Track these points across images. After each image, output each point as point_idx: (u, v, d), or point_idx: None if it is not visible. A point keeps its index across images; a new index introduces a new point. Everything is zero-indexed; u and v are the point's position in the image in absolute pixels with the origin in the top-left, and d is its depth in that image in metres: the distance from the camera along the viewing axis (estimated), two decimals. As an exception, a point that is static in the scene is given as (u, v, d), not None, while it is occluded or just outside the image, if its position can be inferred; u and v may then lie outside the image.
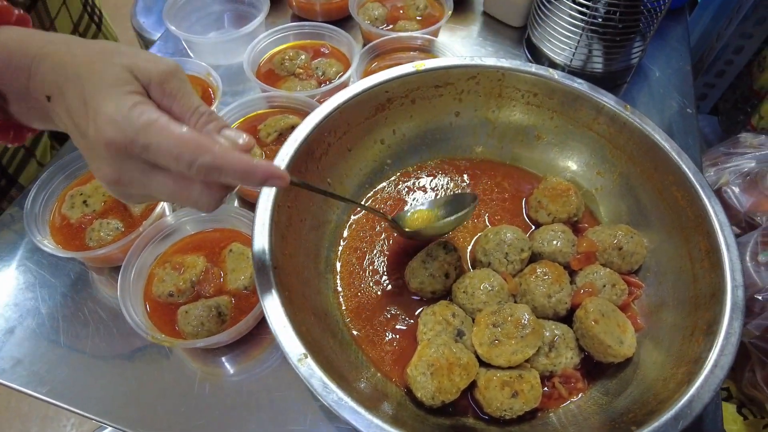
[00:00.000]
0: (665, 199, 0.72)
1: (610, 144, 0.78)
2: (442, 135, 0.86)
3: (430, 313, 0.66)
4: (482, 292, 0.67)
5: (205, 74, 0.91)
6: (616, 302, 0.69)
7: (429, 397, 0.59)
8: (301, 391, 0.67)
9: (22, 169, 0.94)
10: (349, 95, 0.74)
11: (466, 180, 0.85)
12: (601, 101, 0.76)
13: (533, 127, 0.84)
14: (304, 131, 0.70)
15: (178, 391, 0.67)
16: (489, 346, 0.61)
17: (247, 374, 0.69)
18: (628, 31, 0.95)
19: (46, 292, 0.76)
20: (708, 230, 0.64)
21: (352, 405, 0.50)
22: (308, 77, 0.92)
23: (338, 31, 0.97)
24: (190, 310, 0.65)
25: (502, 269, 0.71)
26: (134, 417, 0.65)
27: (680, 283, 0.67)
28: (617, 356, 0.63)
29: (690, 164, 0.70)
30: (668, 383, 0.57)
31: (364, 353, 0.67)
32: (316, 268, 0.72)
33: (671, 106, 1.03)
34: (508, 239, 0.71)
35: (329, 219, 0.77)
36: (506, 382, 0.60)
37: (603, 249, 0.72)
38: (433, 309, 0.67)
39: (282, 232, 0.65)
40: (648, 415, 0.53)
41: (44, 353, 0.70)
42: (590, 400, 0.64)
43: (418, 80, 0.79)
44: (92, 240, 0.73)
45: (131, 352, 0.70)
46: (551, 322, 0.66)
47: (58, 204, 0.77)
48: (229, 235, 0.75)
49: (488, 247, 0.72)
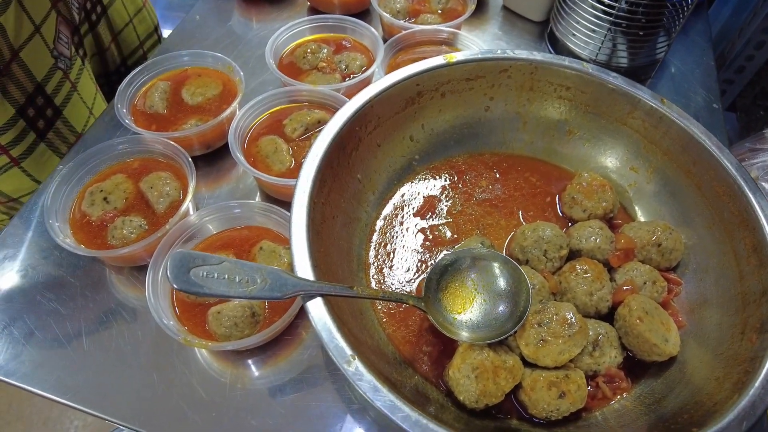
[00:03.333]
0: (705, 195, 0.71)
1: (645, 139, 0.77)
2: (471, 130, 0.84)
3: (470, 312, 0.64)
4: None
5: (226, 67, 0.88)
6: (657, 299, 0.67)
7: (473, 401, 0.58)
8: (333, 394, 0.65)
9: (68, 102, 0.94)
10: (380, 88, 0.72)
11: (497, 176, 0.83)
12: (637, 95, 0.75)
13: (565, 122, 0.82)
14: (336, 125, 0.68)
15: (207, 395, 0.65)
16: (535, 346, 0.59)
17: (277, 377, 0.67)
18: (652, 26, 0.94)
19: (66, 293, 0.73)
20: (754, 226, 0.63)
21: (405, 408, 0.48)
22: (332, 71, 0.90)
23: (361, 24, 0.95)
24: (222, 311, 0.63)
25: (540, 267, 0.69)
26: (163, 422, 0.63)
27: (724, 280, 0.66)
28: (662, 355, 0.62)
29: (732, 159, 0.68)
30: (723, 383, 0.55)
31: (401, 354, 0.65)
32: (349, 265, 0.70)
33: (696, 101, 1.02)
34: (547, 236, 0.69)
35: (359, 216, 0.75)
36: (553, 383, 0.58)
37: (641, 246, 0.71)
38: (472, 308, 0.65)
39: (317, 229, 0.62)
40: (706, 416, 0.52)
41: (67, 356, 0.67)
42: (636, 400, 0.62)
43: (448, 73, 0.77)
44: (115, 238, 0.71)
45: (157, 356, 0.68)
46: (594, 321, 0.65)
47: (78, 201, 0.74)
48: (257, 232, 0.73)
49: (526, 244, 0.70)
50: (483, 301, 0.62)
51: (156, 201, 0.74)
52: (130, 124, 0.79)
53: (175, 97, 0.87)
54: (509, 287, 0.62)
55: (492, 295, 0.63)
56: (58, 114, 0.92)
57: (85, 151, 0.77)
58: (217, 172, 0.86)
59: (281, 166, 0.77)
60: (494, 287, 0.63)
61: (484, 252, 0.65)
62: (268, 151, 0.77)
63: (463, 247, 0.69)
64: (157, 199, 0.74)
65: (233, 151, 0.74)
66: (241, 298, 0.55)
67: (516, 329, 0.60)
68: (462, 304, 0.62)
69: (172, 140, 0.77)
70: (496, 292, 0.62)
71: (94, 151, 0.76)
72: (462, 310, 0.62)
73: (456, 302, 0.62)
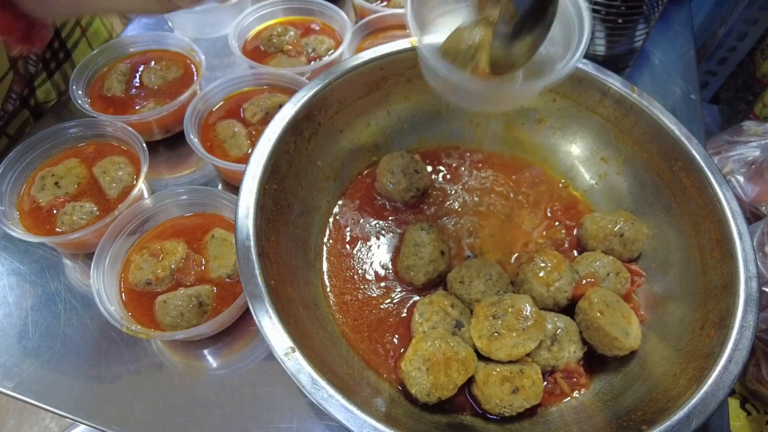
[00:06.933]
0: (672, 186, 0.69)
1: (616, 128, 0.75)
2: (439, 118, 0.81)
3: (426, 302, 0.63)
4: (480, 281, 0.63)
5: (187, 50, 0.85)
6: (620, 291, 0.66)
7: (424, 394, 0.56)
8: (288, 387, 0.63)
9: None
10: (340, 71, 0.69)
11: (463, 164, 0.81)
12: (607, 83, 0.72)
13: (534, 110, 0.79)
14: (292, 109, 0.65)
15: (156, 386, 0.63)
16: (488, 338, 0.57)
17: (231, 368, 0.65)
18: (631, 13, 0.91)
19: (14, 279, 0.70)
20: (719, 218, 0.61)
21: (344, 402, 0.47)
22: (297, 54, 0.87)
23: (330, 6, 0.92)
24: (168, 300, 0.61)
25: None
26: (110, 414, 0.61)
27: (689, 274, 0.64)
28: (623, 349, 0.60)
29: (700, 150, 0.66)
30: (678, 379, 0.53)
31: (354, 346, 0.63)
32: (305, 256, 0.68)
33: (674, 92, 0.99)
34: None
35: (318, 204, 0.73)
36: (506, 378, 0.56)
37: (604, 236, 0.69)
38: (430, 298, 0.63)
39: (268, 217, 0.60)
40: (658, 413, 0.50)
41: (11, 345, 0.65)
42: (594, 396, 0.60)
43: (414, 57, 0.74)
44: (64, 224, 0.68)
45: (106, 345, 0.66)
46: (553, 314, 0.63)
47: (27, 185, 0.72)
48: (212, 220, 0.70)
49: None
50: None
51: (108, 186, 0.71)
52: (83, 105, 0.77)
53: (134, 80, 0.84)
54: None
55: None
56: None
57: (38, 132, 0.74)
58: (177, 157, 0.84)
59: (239, 151, 0.74)
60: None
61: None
62: (226, 135, 0.75)
63: (412, 240, 0.67)
64: (110, 184, 0.71)
65: (188, 134, 0.72)
66: None
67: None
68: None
69: (129, 124, 0.74)
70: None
71: (46, 134, 0.74)
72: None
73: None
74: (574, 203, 0.78)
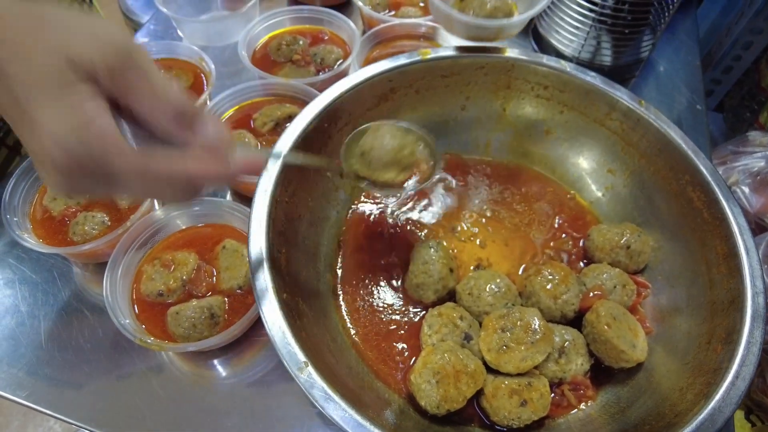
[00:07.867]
0: (680, 200, 0.69)
1: (623, 141, 0.75)
2: (447, 129, 0.82)
3: (435, 314, 0.63)
4: (488, 293, 0.64)
5: (197, 59, 0.86)
6: (626, 303, 0.66)
7: (434, 406, 0.56)
8: (298, 397, 0.64)
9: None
10: (350, 84, 0.70)
11: (471, 175, 0.81)
12: (615, 96, 0.73)
13: (542, 122, 0.80)
14: (303, 121, 0.66)
15: (167, 396, 0.64)
16: (497, 352, 0.58)
17: (241, 377, 0.66)
18: (638, 23, 0.92)
19: (27, 289, 0.71)
20: (726, 234, 0.62)
21: (357, 417, 0.47)
22: (306, 64, 0.88)
23: (338, 16, 0.93)
24: (181, 312, 0.61)
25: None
26: (121, 424, 0.62)
27: (695, 288, 0.65)
28: (630, 361, 0.61)
29: (707, 164, 0.67)
30: (686, 394, 0.54)
31: (364, 358, 0.64)
32: (315, 267, 0.68)
33: (680, 102, 1.00)
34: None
35: (328, 215, 0.73)
36: (515, 390, 0.57)
37: (610, 248, 0.70)
38: (439, 310, 0.64)
39: (279, 229, 0.61)
40: (666, 428, 0.51)
41: (24, 354, 0.66)
42: (601, 408, 0.61)
43: (423, 69, 0.75)
44: (76, 234, 0.69)
45: (118, 355, 0.66)
46: (561, 327, 0.64)
47: (39, 196, 0.73)
48: (222, 231, 0.71)
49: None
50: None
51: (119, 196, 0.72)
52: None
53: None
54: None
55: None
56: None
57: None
58: (187, 166, 0.84)
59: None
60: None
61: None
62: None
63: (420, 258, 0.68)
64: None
65: (199, 146, 0.72)
66: None
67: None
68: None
69: (139, 133, 0.75)
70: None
71: (58, 143, 0.74)
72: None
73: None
74: (581, 214, 0.78)
